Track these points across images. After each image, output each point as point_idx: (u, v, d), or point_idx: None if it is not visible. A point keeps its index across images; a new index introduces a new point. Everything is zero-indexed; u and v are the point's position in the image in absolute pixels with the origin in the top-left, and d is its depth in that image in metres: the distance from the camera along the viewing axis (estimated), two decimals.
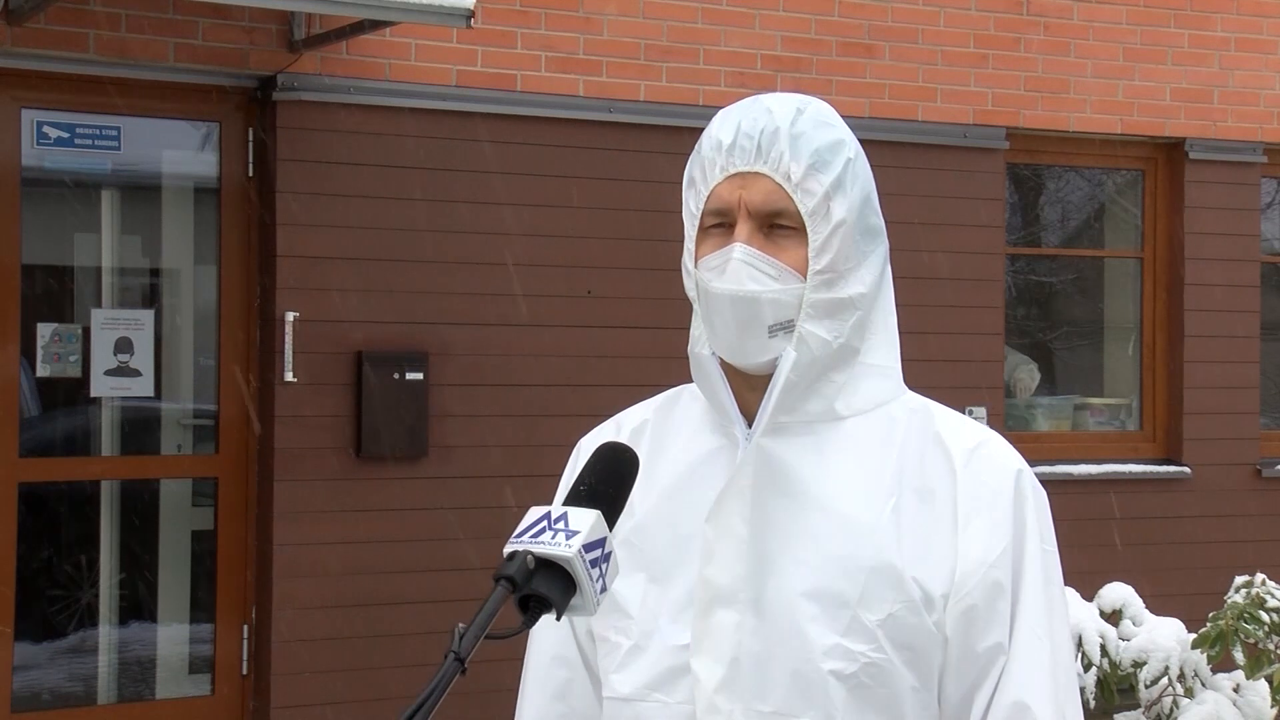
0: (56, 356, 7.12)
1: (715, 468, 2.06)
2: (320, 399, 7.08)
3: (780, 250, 2.01)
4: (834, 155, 2.03)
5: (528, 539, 1.74)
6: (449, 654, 1.64)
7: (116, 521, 7.47)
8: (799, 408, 2.03)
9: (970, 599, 1.98)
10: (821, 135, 2.04)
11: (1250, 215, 9.18)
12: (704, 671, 1.99)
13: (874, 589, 1.96)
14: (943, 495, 2.01)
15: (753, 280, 1.99)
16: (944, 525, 2.00)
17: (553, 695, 2.18)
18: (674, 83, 7.78)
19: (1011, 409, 8.83)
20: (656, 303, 7.59)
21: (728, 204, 2.02)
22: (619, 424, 2.20)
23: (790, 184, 2.01)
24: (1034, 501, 2.04)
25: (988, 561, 1.98)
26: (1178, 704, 6.13)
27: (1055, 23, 8.68)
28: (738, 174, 2.02)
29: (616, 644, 2.07)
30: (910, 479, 2.03)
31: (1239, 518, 8.95)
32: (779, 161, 2.01)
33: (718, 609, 2.00)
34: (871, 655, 1.96)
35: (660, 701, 2.02)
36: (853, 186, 2.03)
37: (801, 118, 2.04)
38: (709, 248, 2.04)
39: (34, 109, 6.93)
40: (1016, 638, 1.99)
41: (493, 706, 4.97)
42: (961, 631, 1.98)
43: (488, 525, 7.02)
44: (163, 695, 7.38)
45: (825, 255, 2.01)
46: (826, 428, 2.05)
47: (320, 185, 7.10)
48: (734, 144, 2.03)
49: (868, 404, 2.07)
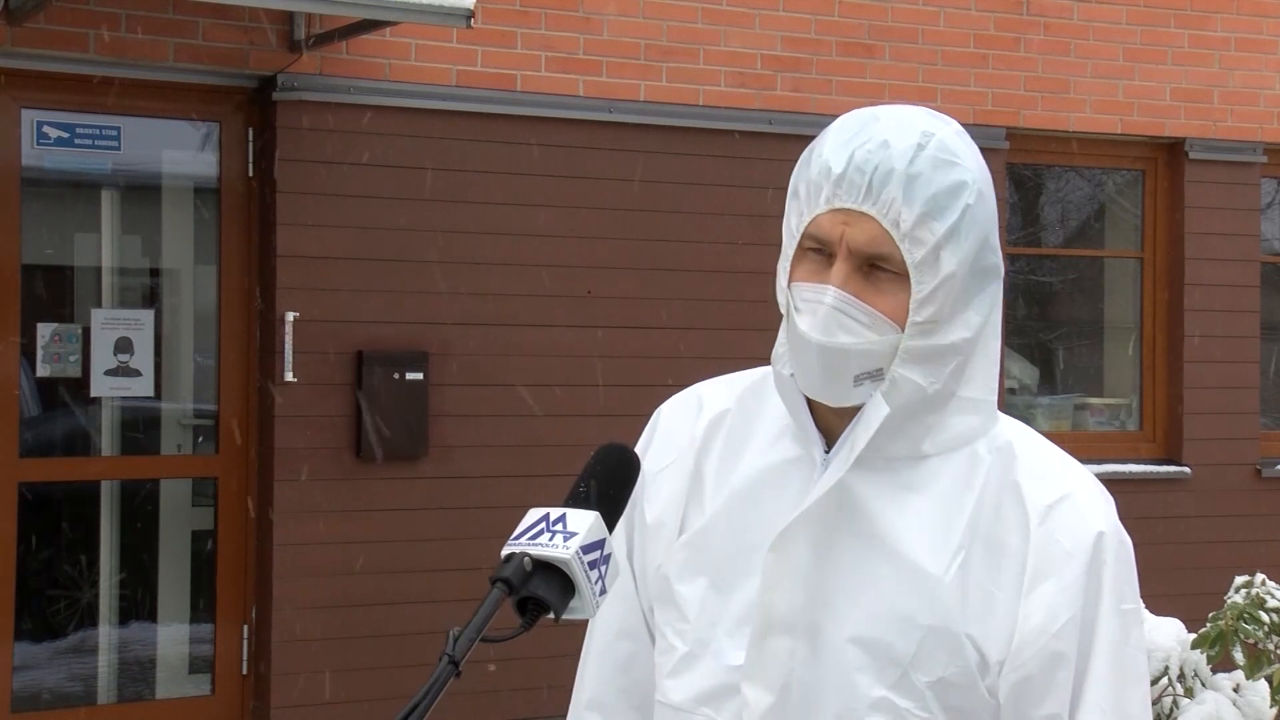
0: (56, 356, 7.12)
1: (790, 481, 1.98)
2: (320, 399, 7.08)
3: (879, 295, 1.87)
4: (952, 200, 1.87)
5: (525, 541, 1.73)
6: (443, 656, 1.63)
7: (116, 521, 7.47)
8: (884, 447, 1.93)
9: (1026, 670, 1.89)
10: (942, 178, 1.87)
11: (1250, 215, 9.18)
12: (754, 697, 1.95)
13: (929, 650, 1.89)
14: (1014, 552, 1.91)
15: (843, 330, 1.87)
16: (1010, 586, 1.90)
17: (616, 668, 2.13)
18: (674, 83, 7.77)
19: (1012, 409, 8.82)
20: (656, 303, 7.60)
21: (829, 237, 1.88)
22: (701, 401, 2.11)
23: (899, 231, 1.86)
24: (1114, 566, 1.93)
25: (1050, 631, 1.89)
26: (1178, 704, 6.12)
27: (1055, 23, 8.67)
28: (843, 209, 1.87)
29: (672, 645, 2.03)
30: (984, 529, 1.92)
31: (1239, 518, 8.94)
32: (890, 206, 1.85)
33: (774, 636, 1.94)
34: (918, 714, 1.89)
35: (708, 717, 1.99)
36: (969, 234, 1.88)
37: (921, 155, 1.87)
38: (804, 273, 1.92)
39: (34, 109, 6.93)
40: (1083, 712, 1.90)
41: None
42: (1015, 700, 1.90)
43: (487, 525, 7.02)
44: (163, 695, 7.38)
45: (928, 308, 1.88)
46: (908, 465, 1.95)
47: (320, 185, 7.10)
48: (844, 176, 1.87)
49: (955, 442, 1.96)
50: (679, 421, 2.10)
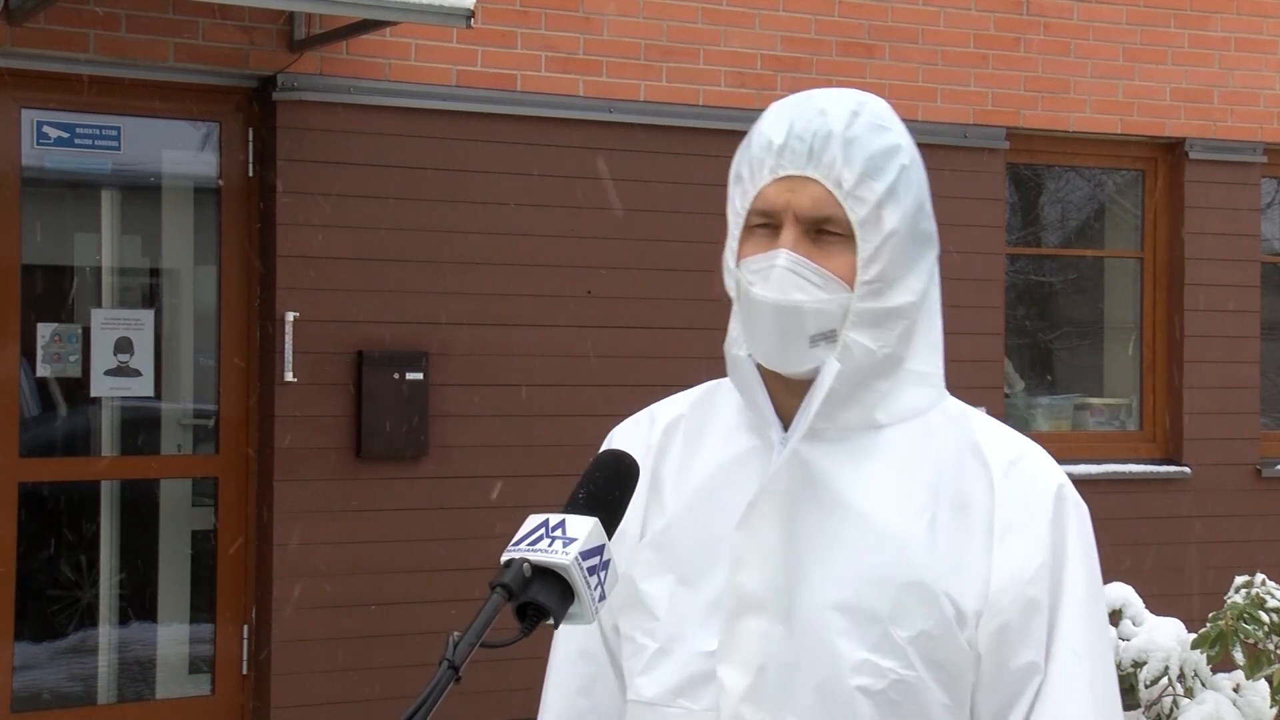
0: (56, 356, 7.12)
1: (749, 469, 2.01)
2: (320, 399, 7.08)
3: (827, 258, 1.94)
4: (888, 161, 1.95)
5: (525, 546, 1.73)
6: (443, 661, 1.64)
7: (116, 521, 7.47)
8: (838, 416, 1.97)
9: (1004, 616, 1.93)
10: (877, 140, 1.96)
11: (1250, 215, 9.18)
12: (730, 680, 1.96)
13: (906, 605, 1.92)
14: (979, 508, 1.96)
15: (798, 289, 1.93)
16: (979, 539, 1.95)
17: (577, 690, 2.14)
18: (674, 83, 7.77)
19: (1011, 409, 8.82)
20: (656, 303, 7.60)
21: (775, 207, 1.95)
22: (653, 416, 2.14)
23: (841, 191, 1.94)
24: (1076, 517, 1.99)
25: (1023, 578, 1.93)
26: (1178, 704, 6.12)
27: (1055, 23, 8.67)
28: (787, 177, 1.95)
29: (642, 645, 2.03)
30: (947, 490, 1.97)
31: (1239, 518, 8.94)
32: (831, 167, 1.94)
33: (746, 616, 1.96)
34: (901, 672, 1.92)
35: (685, 708, 1.99)
36: (906, 194, 1.96)
37: (857, 121, 1.96)
38: (753, 248, 1.97)
39: (34, 109, 6.93)
40: (1056, 657, 1.94)
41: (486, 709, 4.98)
42: (994, 649, 1.93)
43: (487, 525, 7.03)
44: (163, 695, 7.39)
45: (875, 265, 1.94)
46: (864, 436, 1.99)
47: (320, 185, 7.10)
48: (785, 145, 1.95)
49: (908, 412, 2.01)
50: (632, 438, 2.12)
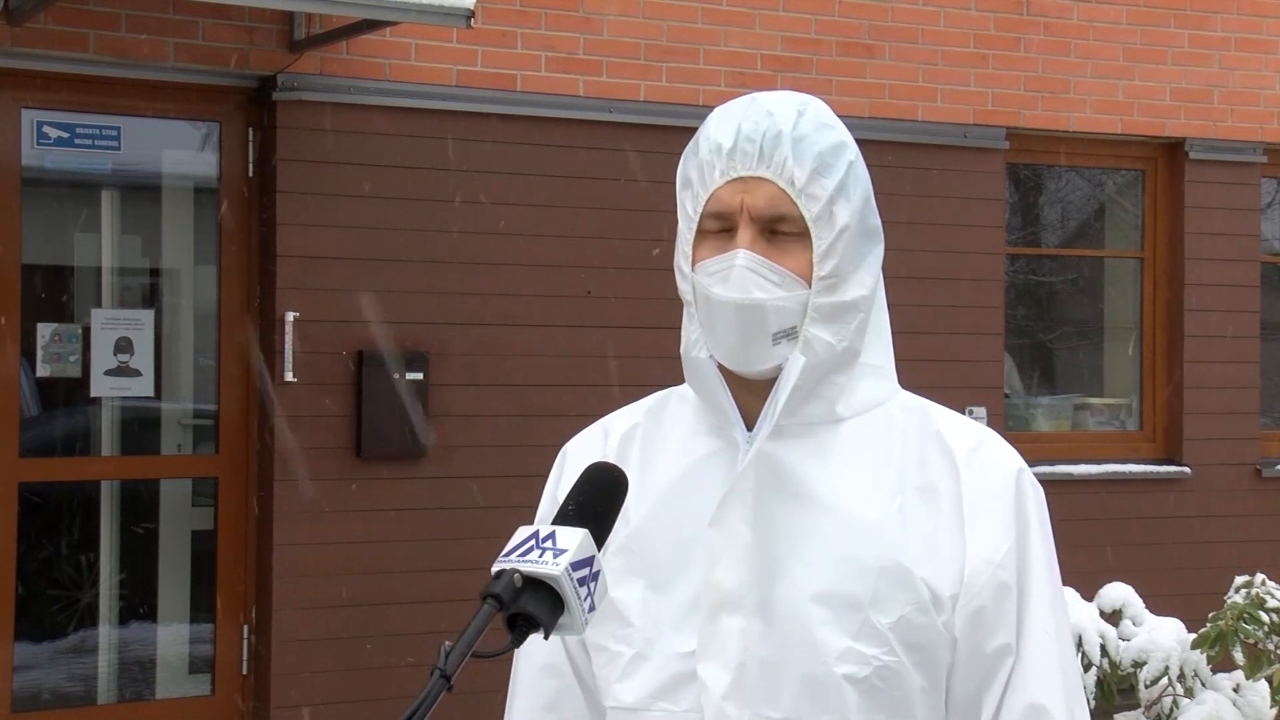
0: (56, 356, 7.12)
1: (714, 471, 2.02)
2: (320, 399, 7.08)
3: (783, 255, 1.97)
4: (836, 158, 1.99)
5: (516, 557, 1.74)
6: (434, 670, 1.64)
7: (116, 521, 7.47)
8: (801, 410, 2.01)
9: (979, 600, 1.97)
10: (824, 138, 2.00)
11: (1250, 215, 9.18)
12: (711, 678, 1.97)
13: (885, 590, 1.95)
14: (946, 493, 2.00)
15: (758, 288, 1.95)
16: (949, 524, 1.99)
17: (543, 706, 2.15)
18: (674, 83, 7.78)
19: (1011, 409, 8.83)
20: (656, 303, 7.58)
21: (729, 208, 1.98)
22: (606, 429, 2.17)
23: (794, 189, 1.97)
24: (1035, 500, 2.03)
25: (994, 561, 1.97)
26: (1178, 704, 6.13)
27: (1055, 23, 8.67)
28: (739, 178, 1.98)
29: (618, 653, 2.04)
30: (912, 477, 2.01)
31: (1239, 518, 8.94)
32: (782, 166, 1.97)
33: (724, 614, 1.97)
34: (884, 658, 1.94)
35: (666, 710, 1.99)
36: (855, 189, 2.00)
37: (803, 120, 2.00)
38: (708, 251, 1.99)
39: (34, 109, 6.93)
40: (1026, 638, 1.98)
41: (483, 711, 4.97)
42: (970, 632, 1.97)
43: (487, 525, 7.03)
44: (163, 695, 7.39)
45: (829, 261, 1.98)
46: (826, 429, 2.03)
47: (320, 185, 7.11)
48: (735, 147, 1.98)
49: (866, 404, 2.05)
50: (587, 451, 2.13)
